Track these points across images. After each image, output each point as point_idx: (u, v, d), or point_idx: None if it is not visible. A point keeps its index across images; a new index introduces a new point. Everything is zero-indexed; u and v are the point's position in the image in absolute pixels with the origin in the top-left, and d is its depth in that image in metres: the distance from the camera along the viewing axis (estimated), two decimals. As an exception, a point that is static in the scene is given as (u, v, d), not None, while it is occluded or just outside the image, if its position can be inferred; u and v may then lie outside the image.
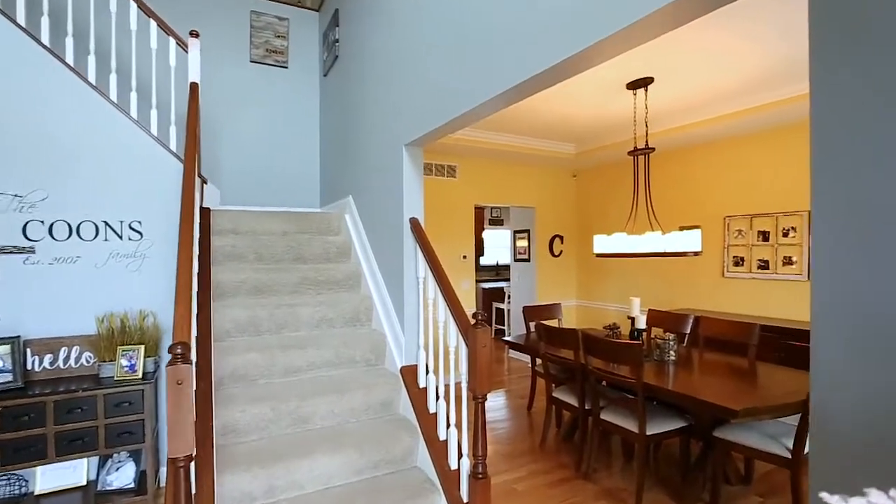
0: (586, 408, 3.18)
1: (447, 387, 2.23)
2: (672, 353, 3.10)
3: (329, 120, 4.45)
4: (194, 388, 1.65)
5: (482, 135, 4.83)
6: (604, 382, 3.01)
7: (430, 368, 2.47)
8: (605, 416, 2.99)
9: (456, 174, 5.41)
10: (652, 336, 3.62)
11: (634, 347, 2.64)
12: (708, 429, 2.78)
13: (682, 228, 3.99)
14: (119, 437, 2.40)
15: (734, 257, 4.30)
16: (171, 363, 1.40)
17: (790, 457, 2.42)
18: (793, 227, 3.89)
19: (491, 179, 5.65)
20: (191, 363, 1.44)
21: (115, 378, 2.48)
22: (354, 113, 3.62)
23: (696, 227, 4.27)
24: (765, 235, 4.07)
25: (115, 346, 2.53)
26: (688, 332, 3.64)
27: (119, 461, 2.59)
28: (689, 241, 2.97)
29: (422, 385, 2.54)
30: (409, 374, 2.60)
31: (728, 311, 4.35)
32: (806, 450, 2.41)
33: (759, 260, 4.10)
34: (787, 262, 3.91)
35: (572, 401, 3.30)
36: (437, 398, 2.34)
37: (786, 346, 3.55)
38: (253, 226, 3.44)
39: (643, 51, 2.88)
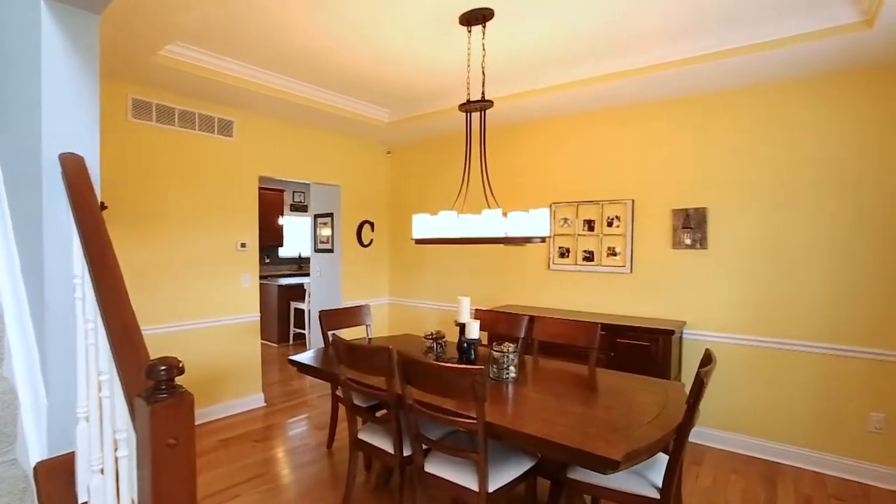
0: (405, 454, 2.26)
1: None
2: (512, 369, 2.38)
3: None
4: None
5: (269, 78, 3.51)
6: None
7: (99, 464, 1.18)
8: (430, 467, 2.11)
9: (232, 133, 3.94)
10: (483, 343, 2.90)
11: (475, 375, 1.79)
12: (559, 468, 2.12)
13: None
14: None
15: (560, 248, 3.92)
16: None
17: (659, 497, 1.89)
18: (617, 217, 3.63)
19: (282, 144, 4.33)
20: None
21: None
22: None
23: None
24: (590, 225, 3.76)
25: None
26: (522, 335, 3.02)
27: None
28: (537, 223, 2.27)
29: (82, 499, 1.23)
30: (53, 475, 1.26)
31: (554, 307, 3.96)
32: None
33: (585, 251, 3.78)
34: (612, 253, 3.65)
35: (386, 445, 2.34)
36: (109, 530, 1.08)
37: (615, 344, 3.22)
38: None
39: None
